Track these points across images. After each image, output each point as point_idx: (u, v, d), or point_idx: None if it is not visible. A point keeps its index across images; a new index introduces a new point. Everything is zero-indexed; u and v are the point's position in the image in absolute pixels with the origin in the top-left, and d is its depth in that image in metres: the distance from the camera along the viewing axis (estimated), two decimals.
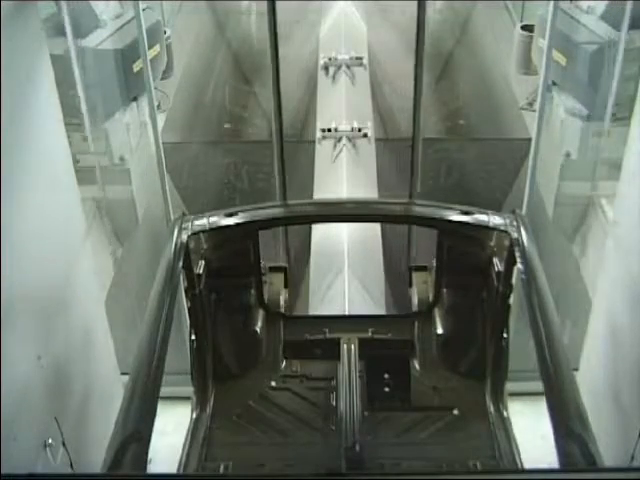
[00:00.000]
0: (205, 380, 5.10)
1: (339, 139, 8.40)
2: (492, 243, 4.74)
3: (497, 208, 5.76)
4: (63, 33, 7.15)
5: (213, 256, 4.86)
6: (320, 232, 7.40)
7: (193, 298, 4.78)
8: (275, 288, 5.51)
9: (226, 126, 10.94)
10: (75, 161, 4.92)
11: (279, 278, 5.56)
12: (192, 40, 11.13)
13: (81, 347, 4.87)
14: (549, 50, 5.83)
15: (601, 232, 6.94)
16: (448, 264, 5.07)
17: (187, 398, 5.08)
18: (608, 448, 4.94)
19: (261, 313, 5.35)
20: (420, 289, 5.41)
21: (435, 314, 5.29)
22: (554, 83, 7.33)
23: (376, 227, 7.41)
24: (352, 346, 5.16)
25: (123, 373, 5.64)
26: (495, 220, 4.68)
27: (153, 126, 6.19)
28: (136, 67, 6.85)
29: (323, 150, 8.48)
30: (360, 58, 10.13)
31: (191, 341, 4.92)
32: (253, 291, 5.27)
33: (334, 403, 4.86)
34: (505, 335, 4.83)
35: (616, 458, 4.78)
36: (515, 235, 4.47)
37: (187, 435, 4.82)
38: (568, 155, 7.45)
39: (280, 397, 5.09)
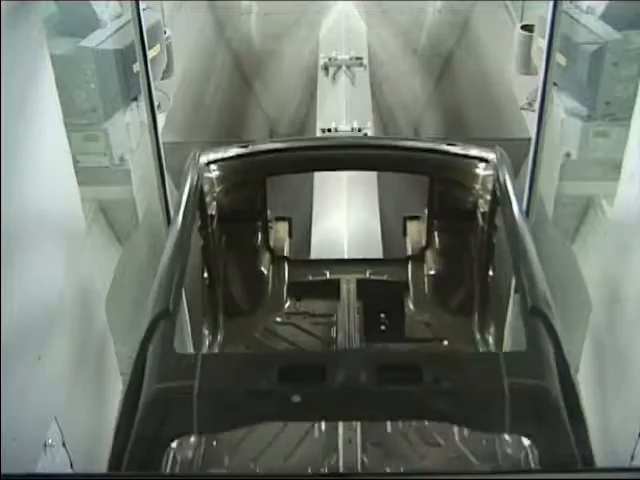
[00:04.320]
0: (216, 315, 5.36)
1: None
2: (478, 186, 5.01)
3: None
4: (64, 33, 7.18)
5: (224, 200, 5.17)
6: (320, 228, 7.48)
7: (206, 237, 5.03)
8: (280, 235, 5.92)
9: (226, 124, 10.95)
10: (75, 161, 4.92)
11: (284, 227, 5.99)
12: (192, 40, 11.13)
13: (81, 347, 4.87)
14: (550, 50, 5.85)
15: (601, 232, 6.94)
16: (438, 210, 5.47)
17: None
18: (608, 448, 4.95)
19: (267, 256, 5.74)
20: (413, 237, 5.83)
21: (427, 257, 5.68)
22: (554, 83, 7.34)
23: (376, 227, 7.45)
24: (351, 286, 5.48)
25: (123, 374, 5.65)
26: (479, 152, 5.07)
27: (152, 127, 6.21)
28: (136, 67, 6.84)
29: None
30: (360, 58, 10.13)
31: (203, 278, 5.13)
32: (260, 235, 5.66)
33: (334, 335, 5.11)
34: (491, 272, 5.07)
35: (616, 458, 4.79)
36: (495, 162, 4.84)
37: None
38: (568, 155, 7.46)
39: (284, 330, 5.38)
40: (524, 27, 8.72)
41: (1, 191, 3.70)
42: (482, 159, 4.99)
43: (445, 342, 5.16)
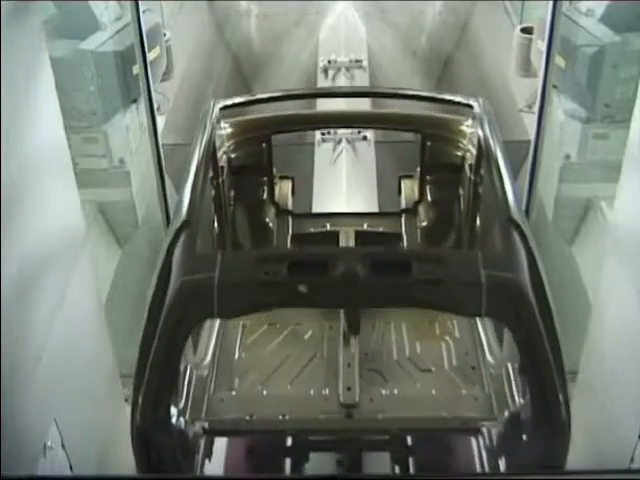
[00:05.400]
0: None
1: (338, 141, 8.41)
2: (465, 140, 5.48)
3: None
4: (63, 35, 7.18)
5: (233, 154, 5.65)
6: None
7: (217, 187, 5.39)
8: (284, 192, 6.27)
9: None
10: (75, 163, 4.92)
11: (287, 185, 6.34)
12: (192, 42, 11.13)
13: (81, 349, 4.86)
14: (549, 52, 5.87)
15: (600, 234, 6.94)
16: (429, 165, 5.86)
17: None
18: (608, 449, 4.95)
19: (272, 209, 6.11)
20: (407, 193, 6.24)
21: (419, 210, 6.08)
22: (554, 86, 7.35)
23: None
24: (349, 237, 5.85)
25: (123, 375, 5.64)
26: (463, 99, 5.65)
27: (152, 129, 6.23)
28: (136, 69, 6.86)
29: (322, 152, 8.48)
30: (359, 61, 10.13)
31: (213, 227, 5.43)
32: (266, 189, 6.03)
33: None
34: (478, 222, 5.39)
35: (615, 460, 4.79)
36: (478, 111, 5.32)
37: None
38: (568, 157, 7.46)
39: None
40: (523, 29, 8.73)
41: (1, 193, 3.70)
42: (466, 105, 5.52)
43: None
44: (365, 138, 8.39)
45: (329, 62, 10.12)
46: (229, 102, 5.67)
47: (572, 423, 5.19)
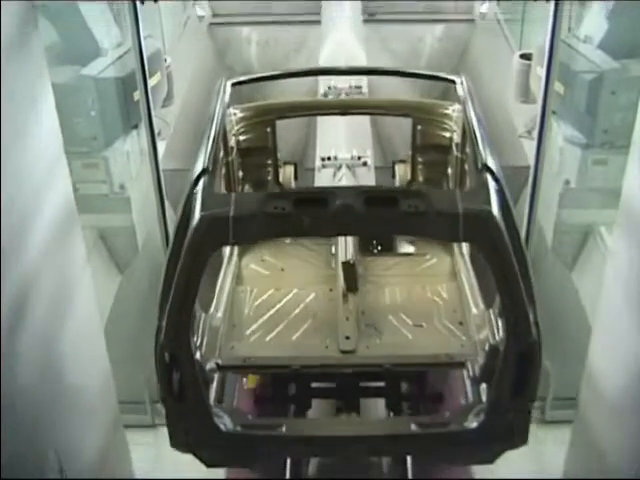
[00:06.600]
0: None
1: (339, 167, 8.42)
2: (452, 122, 5.93)
3: None
4: (65, 61, 7.21)
5: (242, 136, 6.07)
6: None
7: (227, 165, 5.83)
8: (287, 175, 6.69)
9: None
10: (75, 189, 4.93)
11: (290, 169, 6.77)
12: (193, 68, 11.19)
13: (80, 374, 4.86)
14: (548, 78, 5.91)
15: (600, 260, 6.94)
16: (420, 148, 6.32)
17: None
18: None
19: (277, 189, 6.45)
20: (401, 175, 6.71)
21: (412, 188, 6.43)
22: (553, 111, 7.37)
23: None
24: None
25: (121, 402, 5.62)
26: (447, 76, 6.21)
27: (153, 154, 6.26)
28: (137, 95, 6.89)
29: (323, 178, 8.50)
30: (359, 87, 10.15)
31: None
32: (271, 170, 6.43)
33: (333, 250, 5.66)
34: None
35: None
36: (460, 86, 5.78)
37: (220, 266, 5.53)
38: (567, 183, 7.48)
39: (292, 249, 5.89)
40: (522, 56, 8.78)
41: (1, 218, 3.71)
42: (449, 80, 6.08)
43: (427, 256, 5.71)
44: (365, 164, 8.40)
45: (329, 88, 10.14)
46: (240, 79, 6.15)
47: (575, 444, 5.23)
